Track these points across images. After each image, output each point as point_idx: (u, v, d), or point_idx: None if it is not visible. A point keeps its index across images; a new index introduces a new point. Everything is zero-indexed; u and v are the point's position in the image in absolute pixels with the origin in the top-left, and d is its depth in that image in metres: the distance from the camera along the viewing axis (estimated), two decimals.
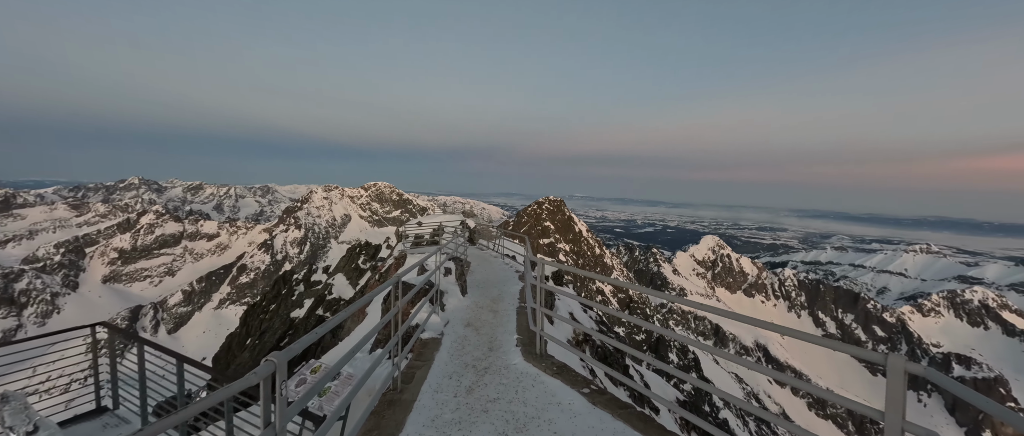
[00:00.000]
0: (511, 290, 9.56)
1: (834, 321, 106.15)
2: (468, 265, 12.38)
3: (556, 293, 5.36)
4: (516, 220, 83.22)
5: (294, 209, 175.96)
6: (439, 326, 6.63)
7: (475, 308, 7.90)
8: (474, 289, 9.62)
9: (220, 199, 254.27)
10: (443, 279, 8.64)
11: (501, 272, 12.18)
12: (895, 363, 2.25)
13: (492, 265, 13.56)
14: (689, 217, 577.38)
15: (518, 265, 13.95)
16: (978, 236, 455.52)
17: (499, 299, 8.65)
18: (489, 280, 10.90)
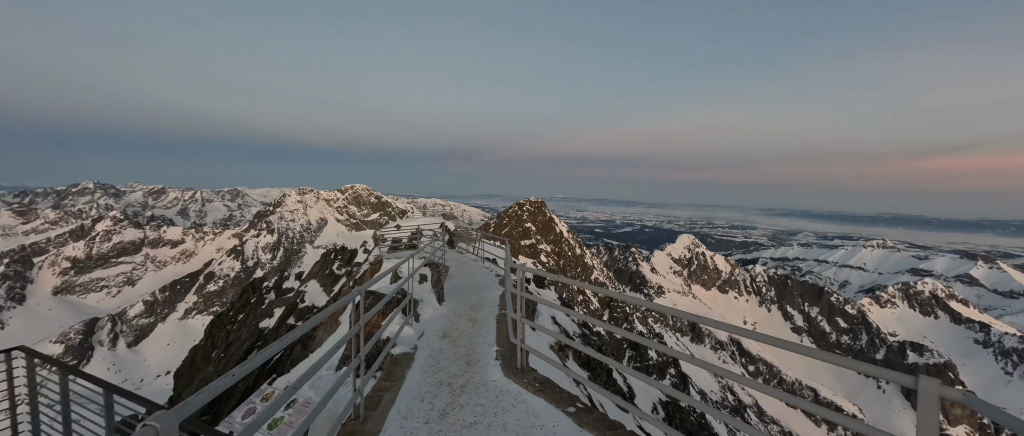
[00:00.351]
0: (491, 296, 9.11)
1: (801, 314, 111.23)
2: (446, 270, 11.81)
3: (537, 300, 4.82)
4: (497, 222, 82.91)
5: (266, 213, 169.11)
6: (412, 339, 6.08)
7: (452, 317, 7.38)
8: (452, 296, 9.08)
9: (185, 203, 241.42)
10: (418, 287, 8.08)
11: (481, 277, 11.68)
12: (928, 388, 2.03)
13: (471, 269, 13.04)
14: (666, 217, 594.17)
15: (498, 269, 13.47)
16: (927, 231, 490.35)
17: (478, 306, 8.16)
18: (468, 285, 10.36)
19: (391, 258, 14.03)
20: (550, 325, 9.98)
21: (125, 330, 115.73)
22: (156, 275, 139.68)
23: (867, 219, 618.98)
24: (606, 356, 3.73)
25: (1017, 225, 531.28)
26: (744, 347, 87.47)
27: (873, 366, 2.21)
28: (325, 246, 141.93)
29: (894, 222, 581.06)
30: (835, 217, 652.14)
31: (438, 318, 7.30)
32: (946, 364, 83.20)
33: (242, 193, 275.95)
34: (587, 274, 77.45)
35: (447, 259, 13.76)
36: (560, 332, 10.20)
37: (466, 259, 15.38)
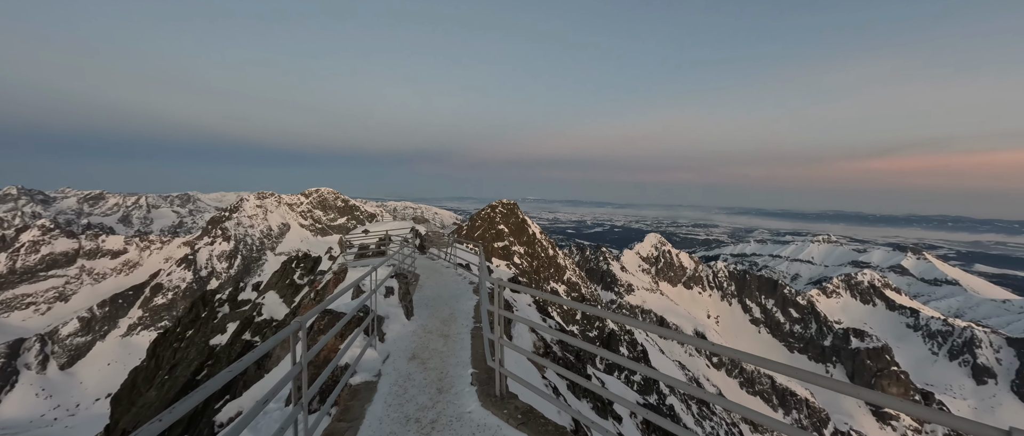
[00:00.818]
0: (465, 306, 8.45)
1: (759, 307, 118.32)
2: (416, 279, 11.16)
3: (514, 317, 4.27)
4: (470, 224, 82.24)
5: (221, 219, 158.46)
6: (375, 364, 5.29)
7: (423, 333, 6.68)
8: (422, 309, 8.38)
9: (127, 210, 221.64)
10: (383, 301, 7.27)
11: (454, 285, 10.90)
12: None
13: (444, 277, 12.32)
14: (634, 217, 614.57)
15: (473, 275, 12.72)
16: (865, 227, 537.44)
17: (451, 319, 7.48)
18: (440, 295, 9.66)
19: (357, 266, 13.24)
20: (527, 334, 9.52)
21: (57, 351, 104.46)
22: (93, 289, 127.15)
23: (814, 216, 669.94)
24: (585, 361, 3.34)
25: (939, 220, 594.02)
26: (708, 340, 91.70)
27: (956, 418, 1.90)
28: (288, 253, 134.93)
29: (837, 218, 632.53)
30: (786, 215, 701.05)
31: (406, 336, 6.59)
32: (883, 347, 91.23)
33: (194, 198, 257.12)
34: (560, 274, 78.45)
35: (418, 267, 13.05)
36: (537, 340, 9.68)
37: (438, 266, 14.53)
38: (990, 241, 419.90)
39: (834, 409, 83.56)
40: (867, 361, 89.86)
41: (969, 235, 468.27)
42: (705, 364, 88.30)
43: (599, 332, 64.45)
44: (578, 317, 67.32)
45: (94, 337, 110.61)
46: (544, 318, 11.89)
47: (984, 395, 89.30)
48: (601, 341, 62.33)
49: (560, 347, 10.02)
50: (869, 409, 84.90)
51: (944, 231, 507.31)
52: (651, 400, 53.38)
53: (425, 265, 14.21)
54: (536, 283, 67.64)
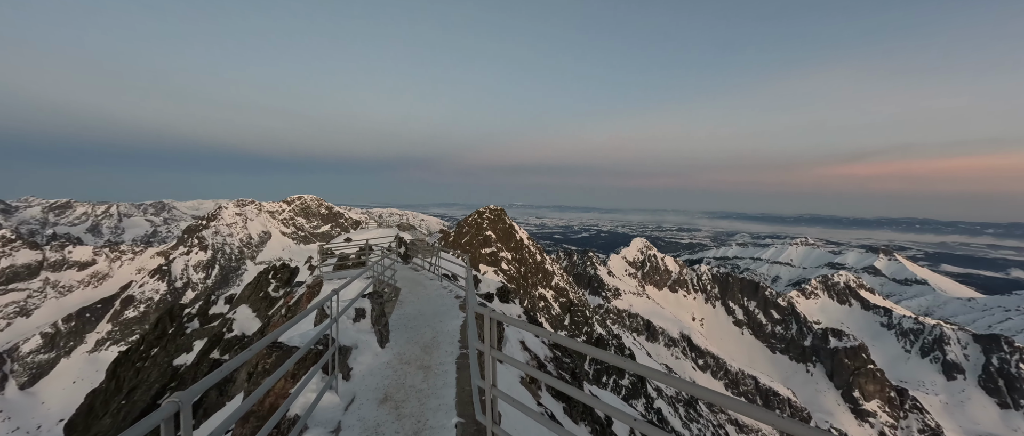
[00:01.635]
0: (450, 327, 7.32)
1: (741, 308, 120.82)
2: (397, 293, 10.28)
3: (504, 322, 3.66)
4: (457, 230, 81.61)
5: (198, 228, 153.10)
6: (335, 412, 4.15)
7: (399, 365, 5.57)
8: (400, 331, 7.19)
9: (97, 219, 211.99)
10: (351, 327, 6.01)
11: (438, 300, 9.83)
12: None
13: (427, 290, 11.12)
14: (620, 221, 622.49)
15: (459, 288, 11.50)
16: (840, 229, 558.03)
17: (434, 345, 6.42)
18: (422, 313, 8.51)
19: (334, 278, 12.48)
20: (519, 351, 8.78)
21: (17, 369, 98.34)
22: (58, 303, 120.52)
23: (792, 219, 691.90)
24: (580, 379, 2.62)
25: (908, 222, 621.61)
26: (693, 342, 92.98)
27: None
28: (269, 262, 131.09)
29: (813, 222, 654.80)
30: (766, 218, 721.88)
31: (379, 370, 5.39)
32: (860, 346, 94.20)
33: (169, 206, 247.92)
34: (548, 280, 78.45)
35: (400, 279, 12.23)
36: (531, 359, 8.71)
37: (422, 277, 13.47)
38: (954, 242, 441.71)
39: (815, 407, 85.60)
40: (845, 360, 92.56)
41: (935, 236, 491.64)
42: (691, 367, 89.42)
43: (587, 338, 64.54)
44: (566, 322, 67.32)
45: (58, 354, 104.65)
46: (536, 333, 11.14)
47: (954, 390, 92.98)
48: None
49: (555, 365, 9.13)
50: (848, 407, 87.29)
51: (912, 233, 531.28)
52: (639, 404, 53.61)
53: (408, 277, 13.36)
54: (524, 289, 67.43)
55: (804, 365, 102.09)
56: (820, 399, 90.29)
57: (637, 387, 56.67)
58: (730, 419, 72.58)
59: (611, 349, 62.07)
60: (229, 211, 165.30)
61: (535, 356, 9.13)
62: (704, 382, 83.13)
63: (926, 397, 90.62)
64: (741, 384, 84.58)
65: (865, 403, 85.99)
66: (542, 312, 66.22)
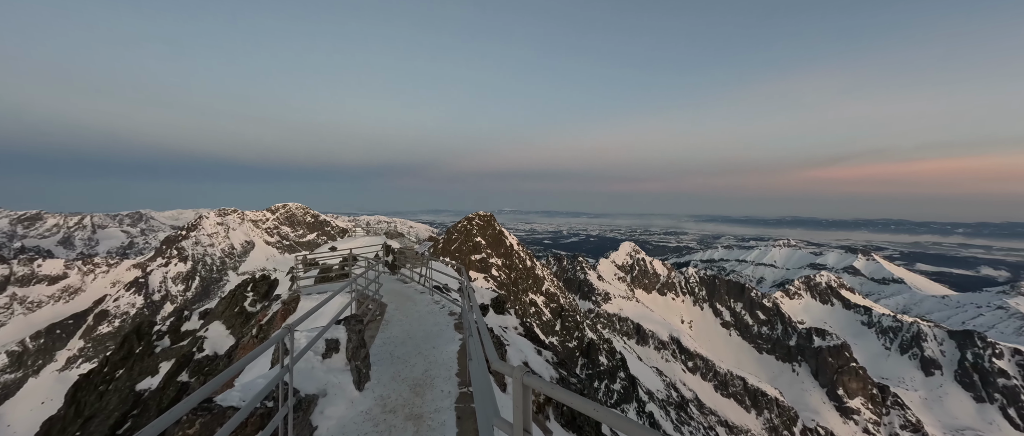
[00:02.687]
0: (444, 354, 6.05)
1: (728, 310, 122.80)
2: (382, 309, 9.09)
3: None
4: (447, 237, 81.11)
5: (177, 238, 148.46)
6: None
7: (381, 414, 4.22)
8: (384, 363, 5.83)
9: (69, 231, 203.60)
10: (320, 365, 4.60)
11: (429, 318, 8.48)
12: None
13: (417, 306, 9.68)
14: (608, 226, 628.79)
15: (453, 302, 9.92)
16: (820, 231, 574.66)
17: (426, 382, 5.09)
18: (411, 335, 7.15)
19: (313, 293, 11.43)
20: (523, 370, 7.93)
21: None
22: (26, 319, 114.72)
23: (774, 222, 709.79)
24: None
25: (883, 223, 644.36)
26: (683, 345, 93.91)
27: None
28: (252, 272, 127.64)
29: (795, 224, 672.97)
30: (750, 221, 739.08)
31: (354, 425, 4.01)
32: (843, 345, 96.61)
33: (147, 217, 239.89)
34: (538, 285, 78.43)
35: (386, 292, 11.18)
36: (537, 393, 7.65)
37: (410, 291, 12.05)
38: (928, 242, 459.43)
39: (802, 407, 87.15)
40: (829, 359, 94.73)
41: (909, 236, 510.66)
42: (681, 369, 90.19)
43: (578, 343, 64.65)
44: (557, 327, 67.32)
45: (26, 373, 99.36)
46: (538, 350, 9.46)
47: (932, 386, 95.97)
48: (580, 351, 62.49)
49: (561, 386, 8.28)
50: (833, 405, 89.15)
51: (888, 233, 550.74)
52: (631, 409, 53.73)
53: (395, 290, 12.00)
54: (515, 295, 67.24)
55: (790, 365, 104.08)
56: (806, 398, 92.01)
57: (628, 391, 56.86)
58: (720, 421, 73.32)
59: (602, 353, 62.21)
60: (210, 221, 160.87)
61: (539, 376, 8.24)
62: (694, 384, 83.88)
63: (906, 393, 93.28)
64: (730, 385, 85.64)
65: (849, 401, 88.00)
66: (534, 318, 66.08)
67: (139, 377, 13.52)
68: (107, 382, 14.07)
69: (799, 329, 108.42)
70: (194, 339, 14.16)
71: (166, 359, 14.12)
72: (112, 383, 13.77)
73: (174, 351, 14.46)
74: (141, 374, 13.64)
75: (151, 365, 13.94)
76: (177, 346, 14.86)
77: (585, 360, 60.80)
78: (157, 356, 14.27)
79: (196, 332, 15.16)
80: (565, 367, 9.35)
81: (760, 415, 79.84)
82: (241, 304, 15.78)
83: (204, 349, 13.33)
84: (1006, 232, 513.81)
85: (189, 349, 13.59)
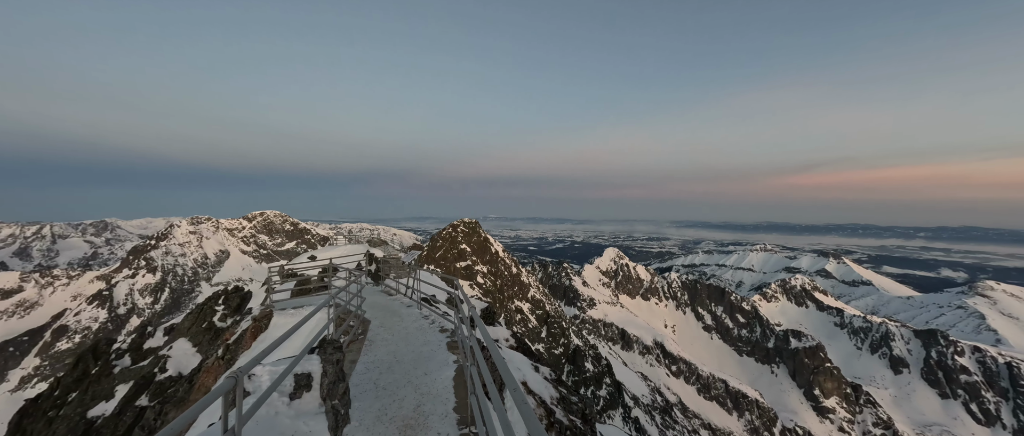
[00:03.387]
0: (438, 383, 5.22)
1: (709, 314, 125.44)
2: (366, 326, 8.23)
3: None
4: (431, 244, 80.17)
5: (146, 248, 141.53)
6: None
7: None
8: (367, 395, 4.93)
9: (26, 242, 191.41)
10: (286, 409, 3.56)
11: (418, 336, 7.59)
12: None
13: (404, 322, 8.78)
14: (592, 232, 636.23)
15: (444, 318, 9.03)
16: (794, 235, 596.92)
17: (418, 423, 4.27)
18: (398, 358, 6.27)
19: (288, 307, 10.41)
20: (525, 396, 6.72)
21: None
22: None
23: (751, 227, 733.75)
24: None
25: (851, 228, 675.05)
26: (666, 349, 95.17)
27: None
28: (227, 283, 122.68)
29: (770, 229, 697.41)
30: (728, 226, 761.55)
31: None
32: (818, 346, 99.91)
33: (112, 226, 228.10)
34: (524, 292, 78.22)
35: (370, 305, 10.50)
36: (537, 403, 6.98)
37: (396, 304, 11.04)
38: (893, 245, 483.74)
39: (781, 408, 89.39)
40: (805, 359, 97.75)
41: (875, 240, 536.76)
42: (665, 373, 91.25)
43: (564, 349, 64.62)
44: (543, 334, 67.18)
45: None
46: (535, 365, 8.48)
47: (901, 384, 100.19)
48: (566, 357, 62.45)
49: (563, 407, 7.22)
50: (810, 405, 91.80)
51: (856, 237, 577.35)
52: (617, 415, 53.87)
53: (379, 303, 11.09)
54: (500, 302, 66.84)
55: (769, 366, 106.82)
56: (784, 399, 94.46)
57: (614, 397, 57.05)
58: (704, 424, 74.34)
59: (588, 359, 62.33)
60: (182, 229, 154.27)
61: (540, 399, 7.43)
62: (678, 388, 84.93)
63: (877, 391, 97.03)
64: (713, 388, 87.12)
65: (825, 400, 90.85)
66: (519, 325, 65.77)
67: (91, 402, 11.97)
68: (58, 407, 12.60)
69: (776, 331, 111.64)
70: (156, 358, 12.82)
71: (124, 381, 12.73)
72: (64, 407, 12.36)
73: (133, 372, 13.02)
74: (94, 398, 12.13)
75: (106, 388, 12.43)
76: (137, 366, 13.44)
77: (571, 367, 60.77)
78: (115, 377, 12.87)
79: (158, 351, 13.86)
80: (564, 384, 8.36)
81: (742, 417, 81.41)
82: (210, 319, 14.42)
83: (167, 369, 12.00)
84: (963, 236, 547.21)
85: (150, 369, 12.28)
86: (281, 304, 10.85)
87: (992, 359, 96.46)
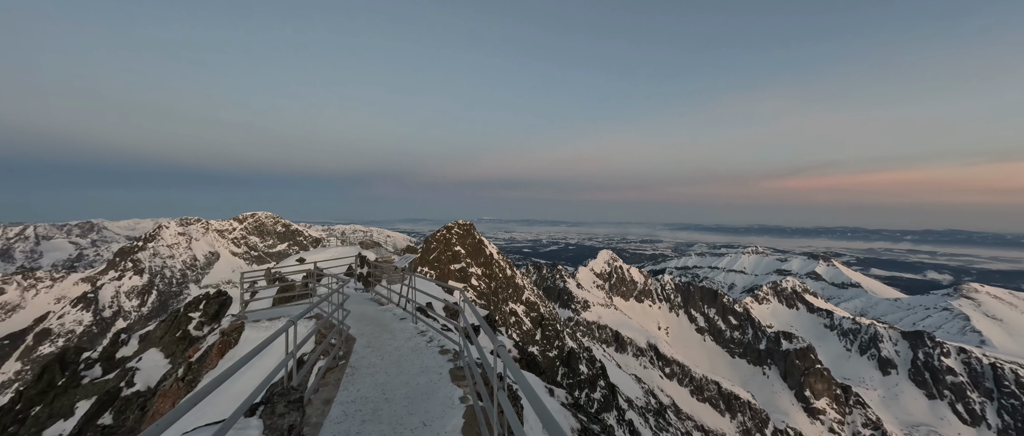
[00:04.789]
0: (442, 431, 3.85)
1: (702, 316, 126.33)
2: (350, 347, 6.71)
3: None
4: (425, 246, 79.71)
5: (133, 249, 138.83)
6: None
7: None
8: None
9: (8, 243, 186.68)
10: None
11: (413, 360, 6.05)
12: None
13: (396, 340, 7.20)
14: (586, 234, 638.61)
15: (445, 334, 7.53)
16: (784, 238, 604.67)
17: None
18: (389, 393, 4.79)
19: (263, 319, 9.30)
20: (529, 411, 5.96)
21: None
22: None
23: (743, 230, 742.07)
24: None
25: (841, 231, 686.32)
26: (660, 352, 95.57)
27: None
28: (217, 285, 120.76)
29: (761, 232, 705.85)
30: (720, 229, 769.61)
31: None
32: (808, 347, 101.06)
33: (99, 227, 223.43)
34: (519, 294, 78.08)
35: (357, 316, 9.26)
36: None
37: (387, 316, 9.54)
38: (880, 248, 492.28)
39: (772, 409, 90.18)
40: (796, 361, 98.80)
41: (863, 243, 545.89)
42: (658, 375, 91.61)
43: (559, 352, 64.55)
44: (537, 337, 67.06)
45: None
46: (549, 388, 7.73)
47: (889, 384, 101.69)
48: (561, 360, 62.37)
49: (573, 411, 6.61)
50: (801, 406, 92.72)
51: (845, 240, 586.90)
52: (611, 417, 53.89)
53: (367, 315, 9.65)
54: (495, 304, 66.64)
55: (760, 368, 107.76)
56: (776, 400, 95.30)
57: (608, 399, 57.06)
58: (697, 426, 74.65)
59: (582, 362, 62.34)
60: (170, 230, 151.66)
61: None
62: (671, 390, 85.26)
63: (866, 392, 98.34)
64: (705, 390, 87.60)
65: (815, 401, 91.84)
66: (514, 327, 65.57)
67: (49, 420, 10.79)
68: (20, 422, 11.30)
69: (768, 333, 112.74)
70: (123, 371, 11.64)
71: (86, 396, 11.35)
72: (26, 423, 11.15)
73: (98, 386, 11.70)
74: (52, 416, 10.87)
75: (66, 404, 11.05)
76: (103, 379, 12.16)
77: (566, 369, 60.69)
78: (78, 391, 11.63)
79: (125, 363, 12.66)
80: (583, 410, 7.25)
81: (734, 418, 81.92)
82: (185, 327, 13.00)
83: (135, 383, 10.78)
84: (948, 239, 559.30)
85: (115, 384, 11.10)
86: (255, 314, 9.77)
87: (977, 360, 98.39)
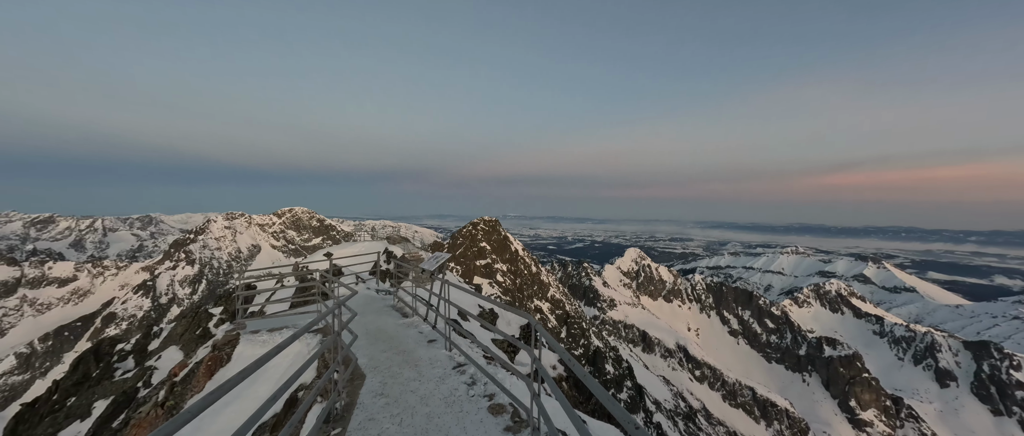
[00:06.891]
0: None
1: (736, 318, 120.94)
2: (355, 393, 4.87)
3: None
4: (452, 242, 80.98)
5: (185, 242, 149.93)
6: None
7: None
8: None
9: (81, 234, 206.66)
10: None
11: (448, 427, 3.98)
12: None
13: (421, 379, 5.31)
14: (613, 232, 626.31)
15: (494, 378, 4.75)
16: (828, 238, 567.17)
17: None
18: None
19: (262, 330, 8.08)
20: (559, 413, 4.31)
21: None
22: (36, 321, 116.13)
23: (781, 229, 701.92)
24: None
25: (894, 230, 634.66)
26: (689, 353, 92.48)
27: None
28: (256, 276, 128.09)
29: (802, 231, 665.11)
30: (756, 228, 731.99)
31: None
32: (854, 355, 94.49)
33: (156, 220, 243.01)
34: (544, 291, 77.85)
35: (370, 334, 7.39)
36: None
37: (411, 336, 7.29)
38: (940, 250, 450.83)
39: (813, 418, 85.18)
40: (840, 369, 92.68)
41: (920, 244, 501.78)
42: (688, 378, 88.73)
43: (585, 351, 63.87)
44: (563, 335, 66.60)
45: (33, 375, 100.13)
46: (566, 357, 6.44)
47: (948, 398, 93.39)
48: (586, 359, 61.68)
49: None
50: (845, 417, 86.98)
51: (899, 241, 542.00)
52: (638, 418, 52.75)
53: (386, 333, 7.54)
54: (519, 301, 66.80)
55: (800, 375, 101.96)
56: (817, 409, 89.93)
57: (636, 401, 55.90)
58: (729, 432, 71.78)
59: (609, 362, 61.37)
60: (218, 224, 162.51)
61: None
62: (702, 393, 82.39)
63: (921, 405, 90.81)
64: (739, 395, 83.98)
65: (862, 413, 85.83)
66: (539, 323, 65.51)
67: (65, 421, 10.21)
68: (55, 410, 11.02)
69: (809, 338, 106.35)
70: (143, 369, 11.06)
71: (105, 395, 10.85)
72: (62, 412, 10.78)
73: (116, 385, 11.18)
74: (68, 417, 10.32)
75: (84, 404, 10.58)
76: (123, 377, 11.60)
77: (591, 368, 59.95)
78: (102, 388, 11.10)
79: (144, 361, 12.20)
80: None
81: (770, 426, 78.09)
82: (204, 324, 12.19)
83: (152, 383, 10.00)
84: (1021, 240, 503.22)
85: (133, 383, 10.38)
86: (254, 325, 8.38)
87: None
